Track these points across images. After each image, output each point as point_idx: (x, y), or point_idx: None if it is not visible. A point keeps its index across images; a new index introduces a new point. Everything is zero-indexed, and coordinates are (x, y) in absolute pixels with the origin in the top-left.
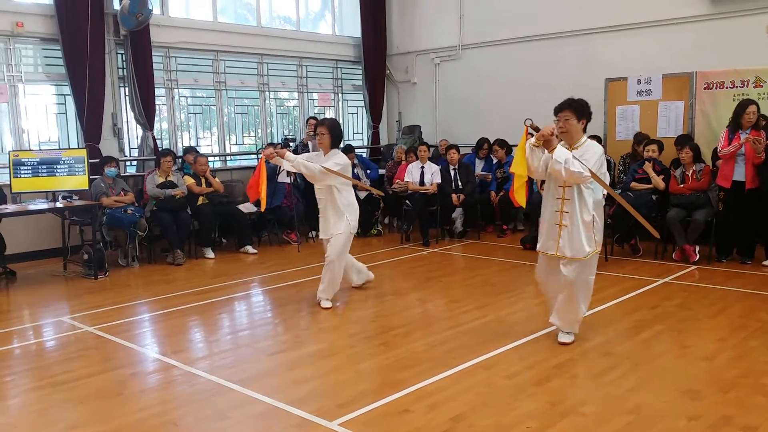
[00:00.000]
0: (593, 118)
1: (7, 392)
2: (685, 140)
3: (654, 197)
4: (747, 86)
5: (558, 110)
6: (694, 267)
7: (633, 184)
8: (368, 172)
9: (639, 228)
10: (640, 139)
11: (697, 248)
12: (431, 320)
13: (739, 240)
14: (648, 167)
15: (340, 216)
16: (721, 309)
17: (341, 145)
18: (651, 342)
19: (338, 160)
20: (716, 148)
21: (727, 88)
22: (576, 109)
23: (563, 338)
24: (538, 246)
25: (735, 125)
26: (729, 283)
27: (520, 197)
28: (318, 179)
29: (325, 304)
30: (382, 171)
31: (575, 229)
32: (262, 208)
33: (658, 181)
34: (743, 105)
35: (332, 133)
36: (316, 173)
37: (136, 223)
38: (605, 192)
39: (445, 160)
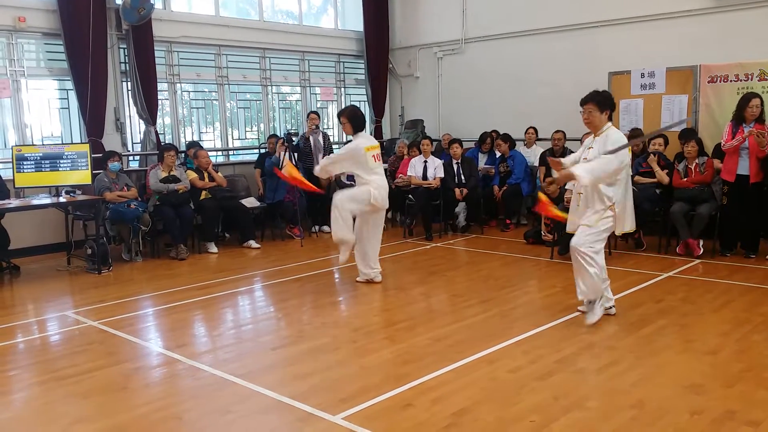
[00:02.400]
0: None
1: (12, 386)
2: (689, 134)
3: (658, 191)
4: (751, 79)
5: (583, 102)
6: (697, 261)
7: (637, 177)
8: None
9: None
10: (635, 134)
11: (701, 242)
12: (434, 314)
13: (743, 234)
14: (652, 161)
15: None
16: (725, 303)
17: (365, 130)
18: (654, 336)
19: (349, 145)
20: (720, 142)
21: (731, 81)
22: (599, 102)
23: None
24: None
25: (739, 119)
26: (733, 277)
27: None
28: (321, 175)
29: (342, 256)
30: (384, 165)
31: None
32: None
33: (662, 176)
34: (747, 98)
35: (351, 121)
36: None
37: (139, 218)
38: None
39: (448, 155)
